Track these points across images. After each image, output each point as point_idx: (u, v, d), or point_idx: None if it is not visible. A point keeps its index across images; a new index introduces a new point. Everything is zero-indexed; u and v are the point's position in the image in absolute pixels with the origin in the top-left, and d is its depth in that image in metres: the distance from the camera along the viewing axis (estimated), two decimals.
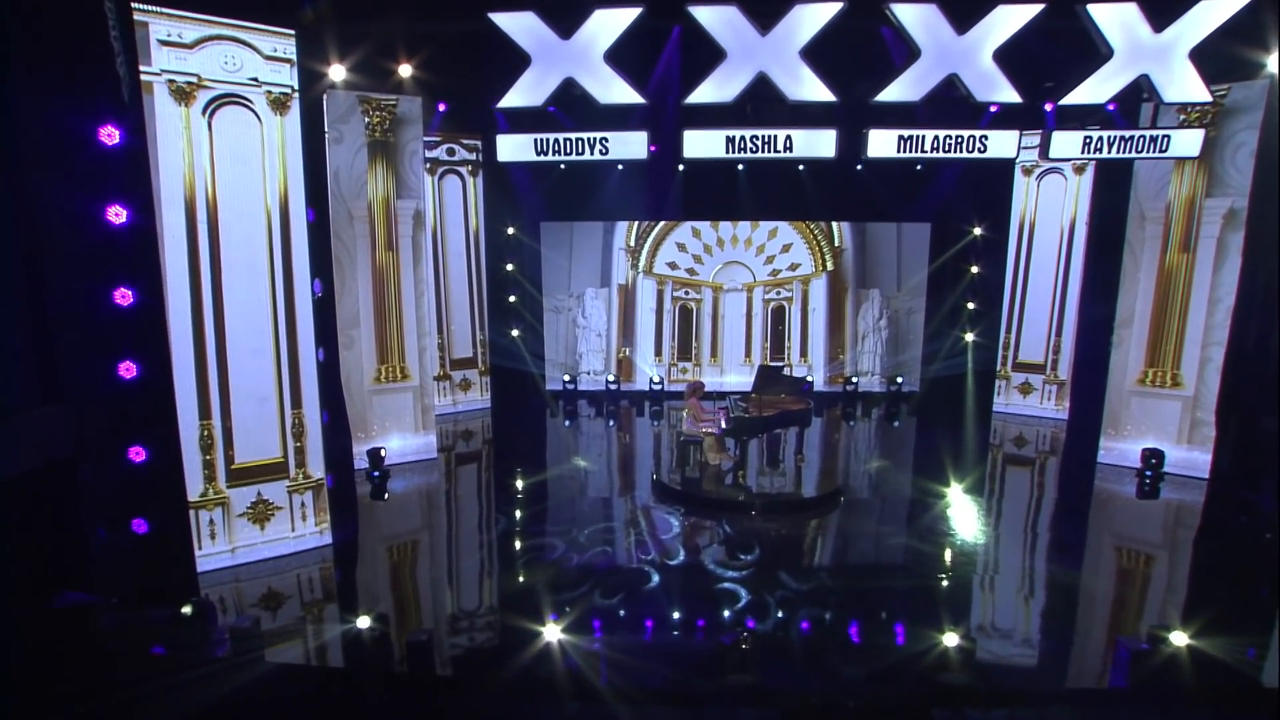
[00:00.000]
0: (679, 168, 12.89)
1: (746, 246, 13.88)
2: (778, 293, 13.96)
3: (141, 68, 5.70)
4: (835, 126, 6.93)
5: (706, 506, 8.35)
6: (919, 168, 12.45)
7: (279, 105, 6.61)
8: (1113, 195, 9.16)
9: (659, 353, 14.21)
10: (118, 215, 5.57)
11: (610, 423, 12.77)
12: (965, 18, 6.65)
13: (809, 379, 13.24)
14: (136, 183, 5.63)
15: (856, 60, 6.77)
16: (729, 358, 14.15)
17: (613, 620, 6.13)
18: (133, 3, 5.60)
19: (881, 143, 6.93)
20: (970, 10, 6.61)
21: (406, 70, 8.26)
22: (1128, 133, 7.02)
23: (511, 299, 13.42)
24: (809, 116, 7.07)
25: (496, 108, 6.76)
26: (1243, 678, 4.86)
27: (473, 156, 12.43)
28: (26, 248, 5.39)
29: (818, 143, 6.94)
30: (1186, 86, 6.56)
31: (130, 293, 5.72)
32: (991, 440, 11.28)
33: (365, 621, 5.46)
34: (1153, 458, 9.00)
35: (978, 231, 12.51)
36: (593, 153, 7.08)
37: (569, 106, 8.15)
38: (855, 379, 13.68)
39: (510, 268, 13.30)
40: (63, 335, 5.53)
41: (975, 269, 12.69)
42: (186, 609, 5.27)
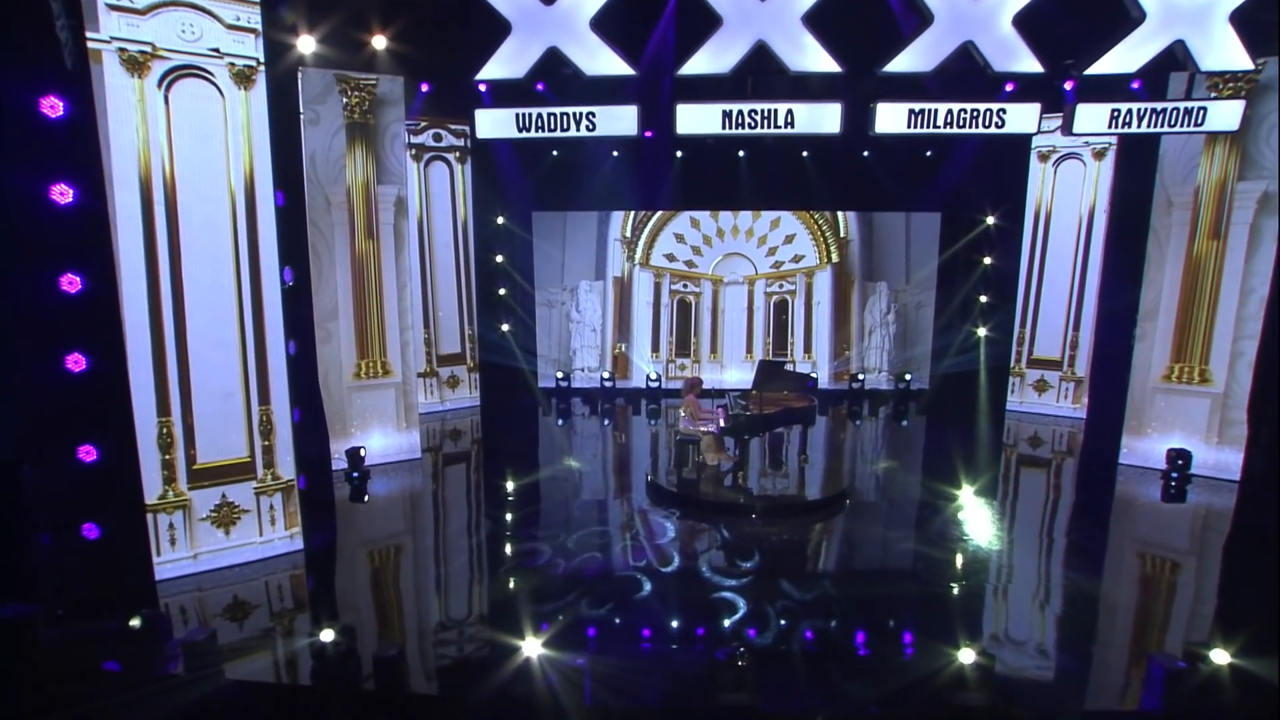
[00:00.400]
0: (677, 154, 12.75)
1: (748, 237, 13.69)
2: (780, 286, 13.77)
3: (88, 34, 5.38)
4: (840, 100, 6.58)
5: (704, 509, 8.12)
6: (929, 154, 12.34)
7: (243, 79, 6.29)
8: (1136, 180, 8.84)
9: (656, 349, 14.04)
10: (63, 194, 5.25)
11: (605, 422, 12.55)
12: None
13: (813, 375, 12.97)
14: (84, 159, 5.32)
15: (863, 27, 6.41)
16: (729, 354, 13.96)
17: (599, 633, 5.86)
18: None
19: (890, 117, 6.57)
20: None
21: (381, 42, 7.94)
22: (1160, 104, 6.63)
23: (501, 292, 13.18)
24: (813, 91, 6.71)
25: (476, 80, 6.41)
26: None
27: (461, 143, 12.21)
28: None
29: (821, 117, 6.57)
30: (1227, 53, 6.10)
31: (78, 279, 5.41)
32: (1005, 440, 11.11)
33: (333, 634, 5.17)
34: (1179, 458, 8.73)
35: (991, 221, 12.23)
36: (579, 128, 6.75)
37: (560, 88, 7.89)
38: (861, 376, 13.50)
39: (500, 259, 13.06)
40: (2, 324, 5.21)
41: (988, 260, 12.40)
42: (135, 621, 4.95)
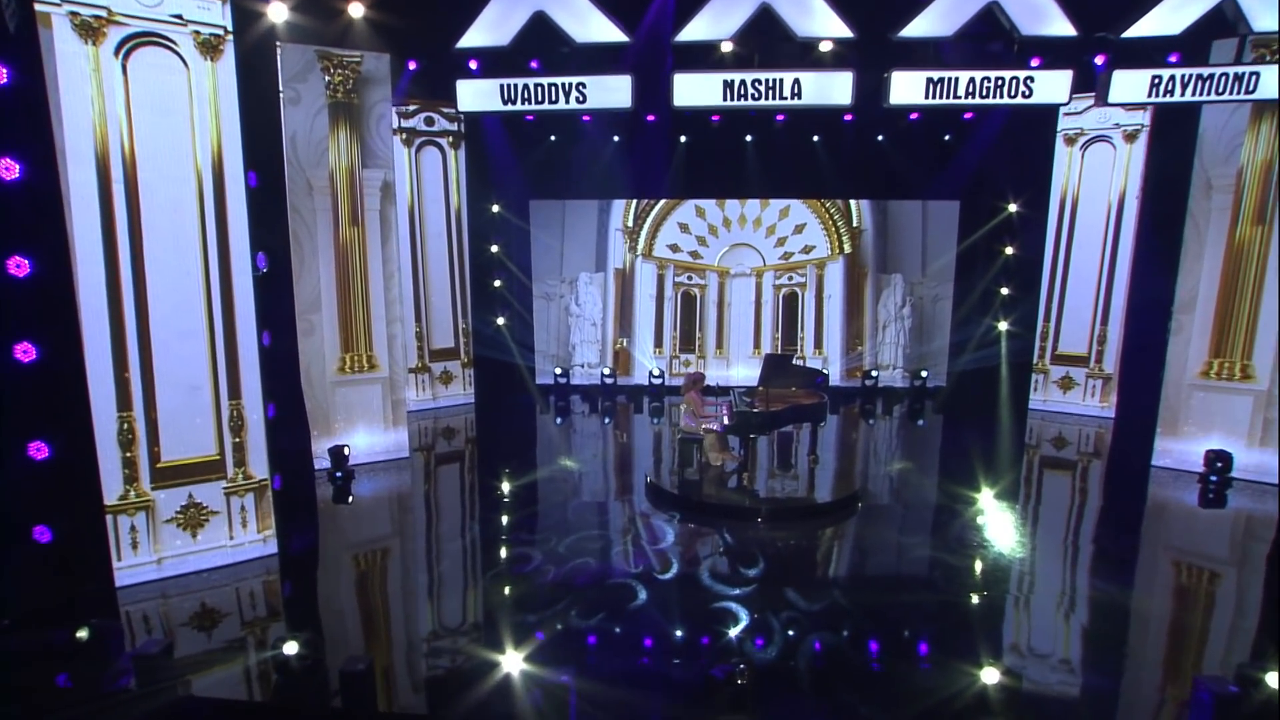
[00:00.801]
0: (681, 139, 12.59)
1: (755, 227, 13.48)
2: (790, 278, 13.55)
3: None
4: (852, 69, 6.21)
5: (706, 512, 7.88)
6: (947, 138, 12.14)
7: (209, 49, 6.00)
8: (1172, 162, 8.50)
9: (659, 344, 13.83)
10: (8, 170, 4.98)
11: (606, 420, 12.35)
12: None
13: (824, 371, 12.66)
14: (32, 132, 5.06)
15: None
16: (736, 349, 13.74)
17: (586, 646, 5.56)
18: None
19: (907, 87, 6.20)
20: None
21: (358, 10, 7.63)
22: (1205, 70, 6.20)
23: (497, 284, 12.96)
24: (822, 63, 6.36)
25: (457, 48, 6.10)
26: None
27: (454, 127, 11.97)
28: None
29: (831, 88, 6.22)
30: None
31: (26, 262, 5.14)
32: (1027, 441, 10.85)
33: (300, 646, 4.87)
34: (1218, 460, 8.43)
35: (1013, 208, 11.93)
36: (568, 100, 6.43)
37: (559, 65, 7.58)
38: (875, 373, 13.27)
39: (495, 249, 12.84)
40: None
41: (1010, 250, 12.11)
42: (83, 632, 4.67)
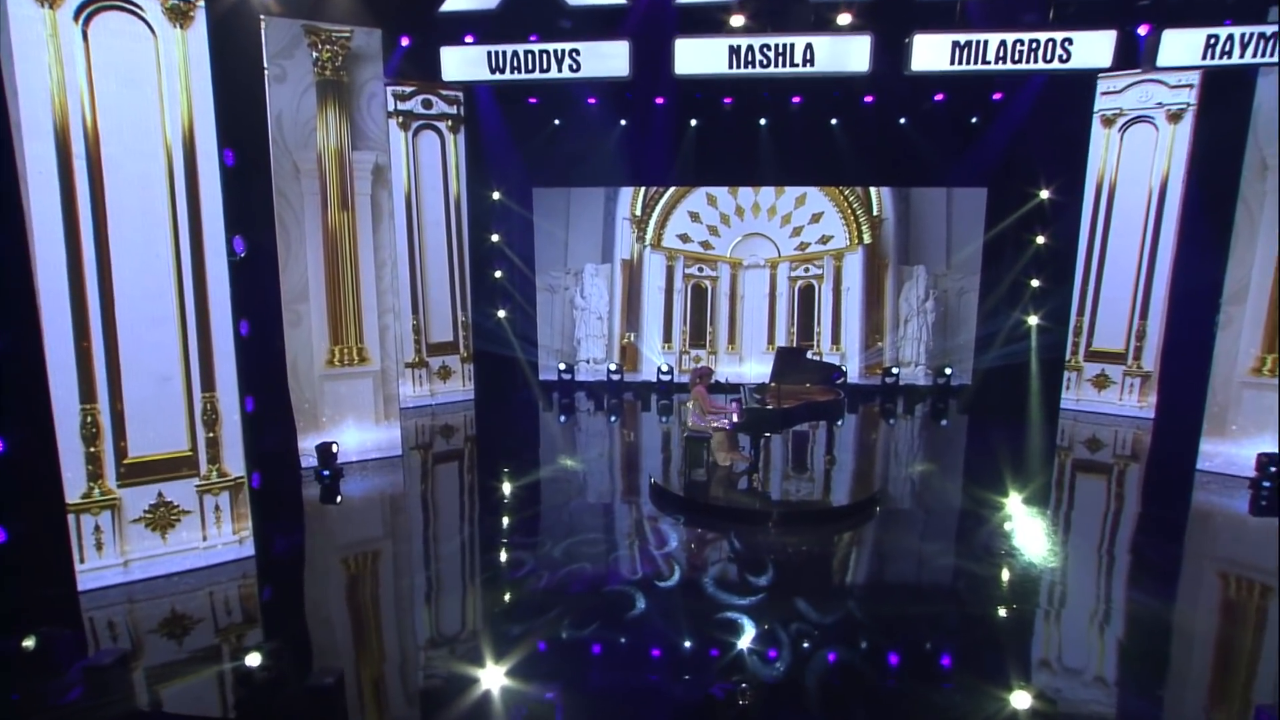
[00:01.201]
0: (691, 123, 12.38)
1: (770, 216, 13.25)
2: (806, 269, 13.33)
3: None
4: (870, 32, 5.86)
5: (713, 516, 7.65)
6: (974, 120, 11.87)
7: (179, 15, 5.76)
8: (1222, 142, 8.10)
9: (668, 339, 13.64)
10: None
11: (612, 419, 12.17)
12: None
13: (842, 368, 12.36)
14: None
15: None
16: (749, 345, 13.51)
17: (578, 659, 5.29)
18: None
19: (930, 52, 5.83)
20: None
21: None
22: (1269, 27, 5.76)
23: (498, 275, 12.80)
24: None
25: (449, 20, 5.83)
26: None
27: (453, 110, 11.76)
28: None
29: (847, 53, 5.87)
30: None
31: None
32: (1059, 442, 10.56)
33: (267, 658, 4.64)
34: (1272, 464, 8.06)
35: (1045, 194, 11.62)
36: (561, 69, 6.15)
37: (560, 39, 7.31)
38: (896, 370, 13.03)
39: (496, 239, 12.68)
40: None
41: (1041, 239, 11.82)
42: (29, 641, 4.43)
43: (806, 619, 5.73)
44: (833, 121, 12.05)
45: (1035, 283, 11.90)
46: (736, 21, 6.80)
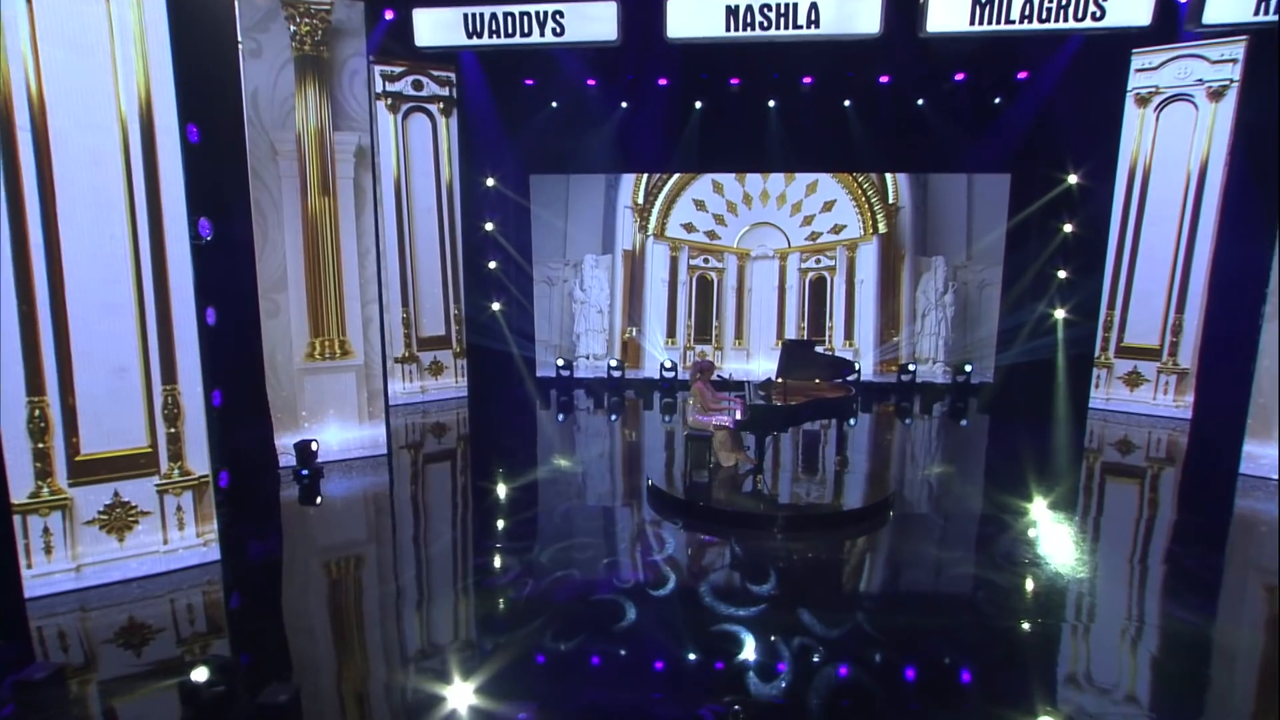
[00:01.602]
0: (696, 105, 12.17)
1: (779, 204, 13.14)
2: (818, 261, 13.23)
3: None
4: None
5: (714, 520, 7.42)
6: (997, 101, 11.63)
7: None
8: (1267, 122, 7.83)
9: (672, 334, 13.55)
10: None
11: (612, 417, 11.98)
12: None
13: (855, 365, 12.15)
14: None
15: None
16: (757, 340, 13.42)
17: (558, 674, 5.02)
18: None
19: (947, 12, 5.50)
20: None
21: None
22: None
23: (492, 266, 12.64)
24: None
25: None
26: None
27: (445, 92, 11.64)
28: None
29: (856, 14, 5.56)
30: None
31: None
32: (1087, 444, 10.34)
33: (214, 673, 4.36)
34: None
35: (1073, 179, 11.42)
36: (544, 32, 5.88)
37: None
38: (912, 366, 12.87)
39: (491, 228, 12.51)
40: None
41: (1068, 227, 11.62)
42: None
43: (810, 632, 5.44)
44: (846, 103, 11.83)
45: (1062, 274, 11.72)
46: None
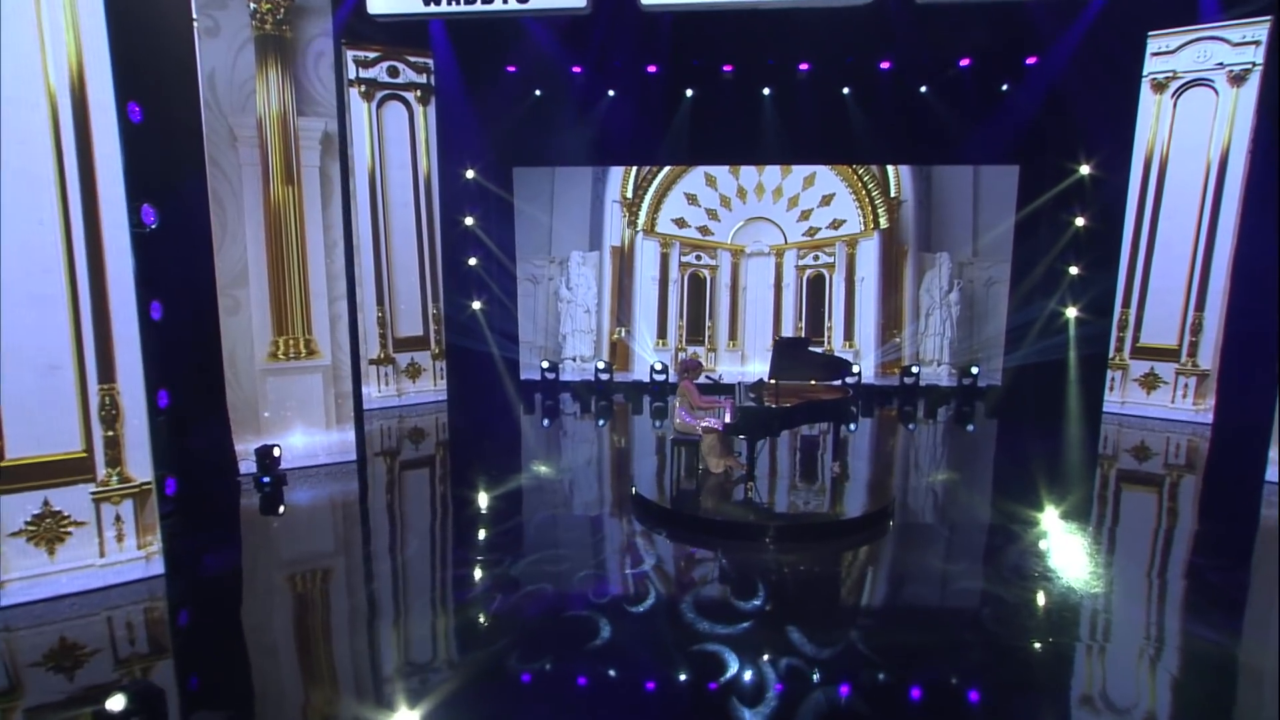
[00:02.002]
0: (687, 93, 12.11)
1: (775, 198, 13.15)
2: (816, 258, 13.24)
3: None
4: None
5: (701, 530, 7.20)
6: (1004, 87, 11.60)
7: None
8: None
9: (663, 334, 13.49)
10: None
11: (600, 423, 11.82)
12: None
13: (854, 365, 12.12)
14: None
15: None
16: (752, 341, 13.40)
17: (520, 699, 4.73)
18: None
19: None
20: None
21: None
22: None
23: (472, 262, 12.52)
24: None
25: None
26: None
27: (422, 79, 11.55)
28: None
29: None
30: None
31: None
32: (1101, 450, 10.19)
33: (131, 701, 4.08)
34: None
35: (1085, 170, 11.39)
36: (507, 0, 5.57)
37: None
38: (916, 368, 12.84)
39: (471, 223, 12.41)
40: None
41: (1080, 221, 11.59)
42: None
43: (800, 652, 5.14)
44: (845, 91, 11.78)
45: (1074, 270, 11.70)
46: None
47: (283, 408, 8.84)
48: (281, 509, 7.98)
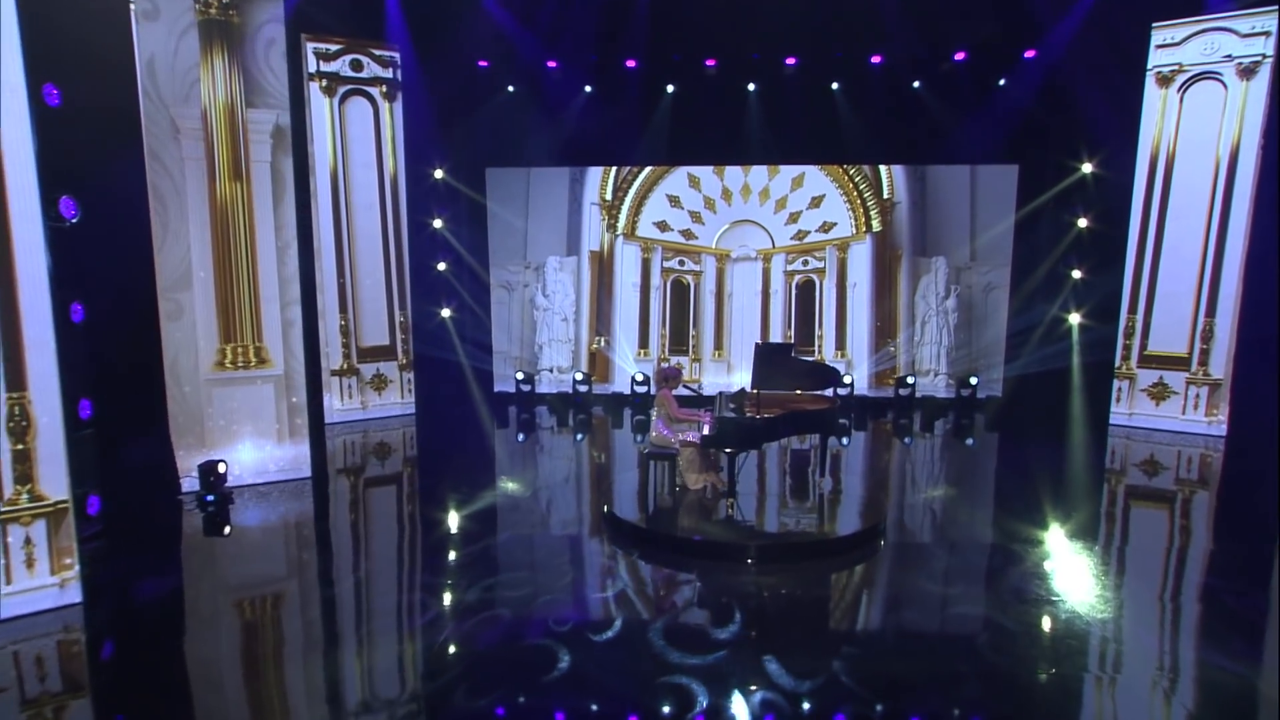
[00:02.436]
0: (668, 89, 12.08)
1: (762, 200, 13.17)
2: (805, 263, 13.30)
3: None
4: None
5: (676, 550, 7.06)
6: (1002, 83, 11.62)
7: None
8: None
9: (644, 344, 13.46)
10: None
11: (578, 437, 11.69)
12: None
13: (845, 376, 12.14)
14: None
15: None
16: (738, 350, 13.37)
17: None
18: None
19: None
20: None
21: None
22: None
23: (441, 267, 12.46)
24: None
25: None
26: None
27: (388, 74, 11.48)
28: None
29: None
30: None
31: None
32: (1108, 465, 10.12)
33: None
34: None
35: (1087, 169, 11.39)
36: None
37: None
38: (911, 379, 12.84)
39: (440, 225, 12.35)
40: None
41: (1083, 222, 11.60)
42: None
43: (778, 684, 4.90)
44: (834, 86, 11.78)
45: (1077, 274, 11.71)
46: None
47: (230, 420, 8.57)
48: (227, 529, 7.74)
